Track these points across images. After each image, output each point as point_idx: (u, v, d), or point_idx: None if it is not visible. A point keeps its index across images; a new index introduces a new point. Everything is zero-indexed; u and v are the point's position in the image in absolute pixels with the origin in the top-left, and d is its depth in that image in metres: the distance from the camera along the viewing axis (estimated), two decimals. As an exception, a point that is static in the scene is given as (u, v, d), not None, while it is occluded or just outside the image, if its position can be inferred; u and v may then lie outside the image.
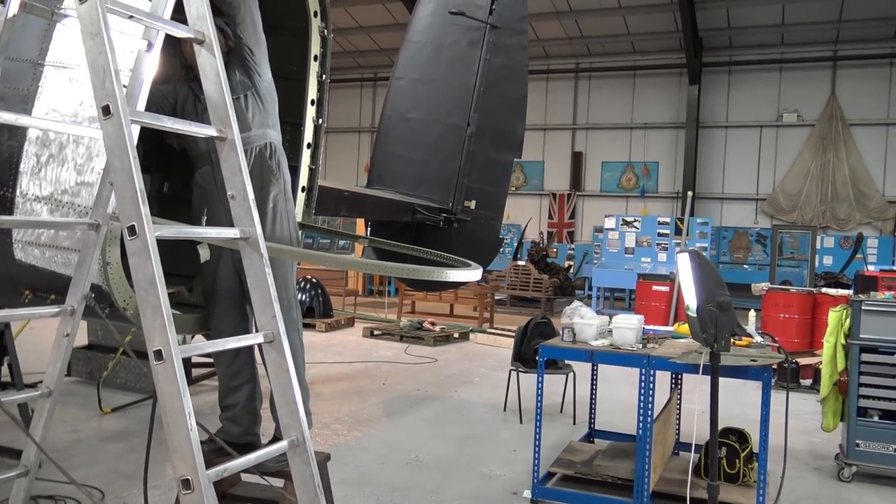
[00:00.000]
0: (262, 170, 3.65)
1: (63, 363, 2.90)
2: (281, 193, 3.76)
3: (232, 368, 3.69)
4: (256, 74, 3.70)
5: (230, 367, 3.70)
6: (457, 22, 7.29)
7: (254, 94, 3.69)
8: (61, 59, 3.18)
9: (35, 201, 3.15)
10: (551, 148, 23.03)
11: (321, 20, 4.28)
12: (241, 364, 3.69)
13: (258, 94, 3.71)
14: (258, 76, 3.71)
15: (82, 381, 7.15)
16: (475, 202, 7.19)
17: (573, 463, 5.02)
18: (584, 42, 21.95)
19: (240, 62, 3.67)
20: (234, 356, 3.68)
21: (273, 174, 3.70)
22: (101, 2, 2.15)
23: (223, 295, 3.65)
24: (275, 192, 3.71)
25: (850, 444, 5.26)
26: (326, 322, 11.87)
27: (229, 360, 3.69)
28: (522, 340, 6.92)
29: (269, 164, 3.68)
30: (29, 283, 3.30)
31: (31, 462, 2.89)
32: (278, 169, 3.74)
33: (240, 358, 3.68)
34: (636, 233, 15.86)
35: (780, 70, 20.49)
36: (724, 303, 3.28)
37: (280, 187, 3.76)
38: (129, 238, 2.09)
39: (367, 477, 4.99)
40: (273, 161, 3.71)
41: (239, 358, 3.68)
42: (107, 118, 2.13)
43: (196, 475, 1.98)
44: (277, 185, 3.74)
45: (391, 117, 7.53)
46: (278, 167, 3.74)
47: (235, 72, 3.63)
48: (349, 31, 23.00)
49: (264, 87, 3.74)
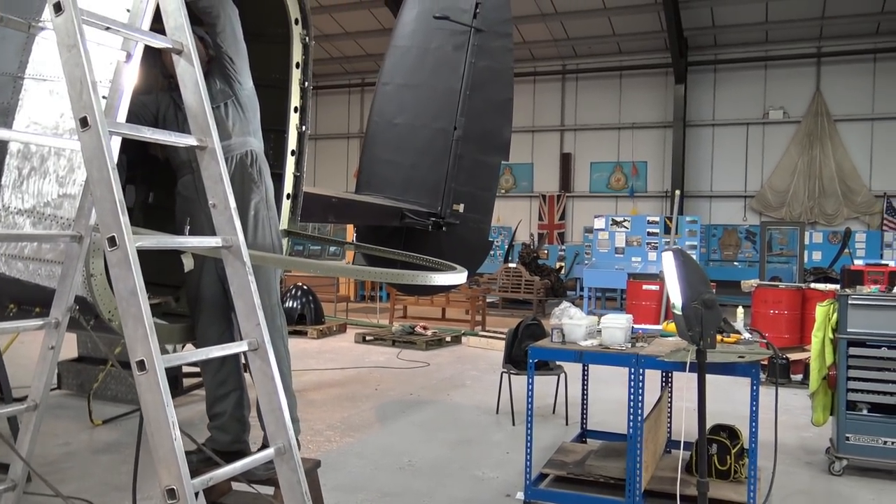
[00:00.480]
0: (242, 178, 3.65)
1: (49, 376, 2.90)
2: (263, 201, 3.76)
3: (218, 377, 3.69)
4: (237, 83, 3.70)
5: (216, 376, 3.69)
6: (441, 26, 7.31)
7: (234, 102, 3.70)
8: (41, 72, 3.17)
9: (17, 214, 3.14)
10: (540, 150, 23.09)
11: (302, 27, 4.28)
12: (227, 373, 3.69)
13: (238, 103, 3.72)
14: (238, 84, 3.72)
15: (73, 394, 7.11)
16: (464, 205, 7.20)
17: (565, 464, 5.03)
18: (570, 43, 22.03)
19: (220, 71, 3.68)
20: (220, 365, 3.68)
21: (254, 182, 3.71)
22: (77, 14, 2.15)
23: (207, 303, 3.65)
24: (256, 200, 3.71)
25: (840, 438, 5.29)
26: (318, 329, 11.85)
27: (215, 368, 3.69)
28: (513, 342, 6.93)
29: (249, 171, 3.69)
30: (13, 296, 3.29)
31: (19, 476, 2.88)
32: (259, 177, 3.74)
33: (226, 366, 3.68)
34: (626, 233, 15.90)
35: (765, 67, 20.63)
36: (709, 300, 3.29)
37: (262, 195, 3.76)
38: (109, 249, 2.09)
39: (360, 483, 4.98)
40: (254, 169, 3.72)
41: (225, 366, 3.68)
42: (85, 130, 2.13)
43: (181, 485, 1.98)
44: (259, 193, 3.74)
45: (378, 123, 7.54)
46: (259, 175, 3.75)
47: (216, 80, 3.64)
48: (335, 37, 23.02)
49: (245, 96, 3.75)
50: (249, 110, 3.77)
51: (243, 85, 3.73)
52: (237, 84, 3.70)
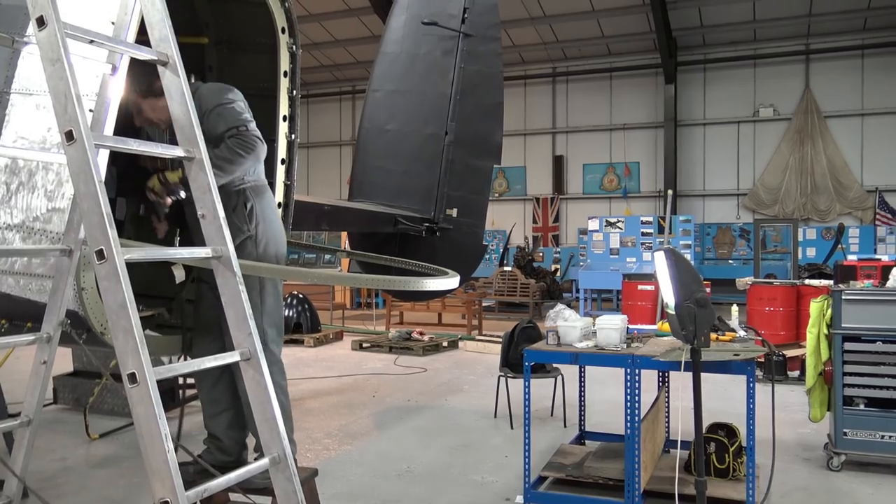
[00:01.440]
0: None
1: (42, 391, 2.89)
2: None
3: (212, 394, 3.67)
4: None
5: (210, 394, 3.67)
6: (430, 32, 7.32)
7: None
8: (27, 87, 3.17)
9: (7, 229, 3.13)
10: (532, 153, 23.13)
11: (289, 36, 4.28)
12: (221, 391, 3.66)
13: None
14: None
15: (69, 408, 7.07)
16: (457, 210, 7.20)
17: (564, 466, 5.02)
18: (559, 46, 22.10)
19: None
20: (215, 382, 3.65)
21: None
22: (60, 27, 2.14)
23: (205, 321, 3.64)
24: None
25: (837, 434, 5.29)
26: (314, 337, 11.82)
27: (210, 385, 3.67)
28: (510, 346, 6.91)
29: (251, 205, 3.73)
30: (4, 311, 3.28)
31: (14, 492, 2.87)
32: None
33: (220, 384, 3.65)
34: (620, 233, 15.92)
35: (754, 66, 20.72)
36: (702, 299, 3.29)
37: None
38: (98, 262, 2.08)
39: (359, 490, 4.96)
40: (256, 200, 3.75)
41: (219, 384, 3.65)
42: (70, 143, 2.12)
43: (175, 497, 1.97)
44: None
45: (369, 130, 7.55)
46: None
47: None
48: (325, 45, 23.05)
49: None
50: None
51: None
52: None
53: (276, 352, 3.70)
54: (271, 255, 3.70)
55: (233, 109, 3.50)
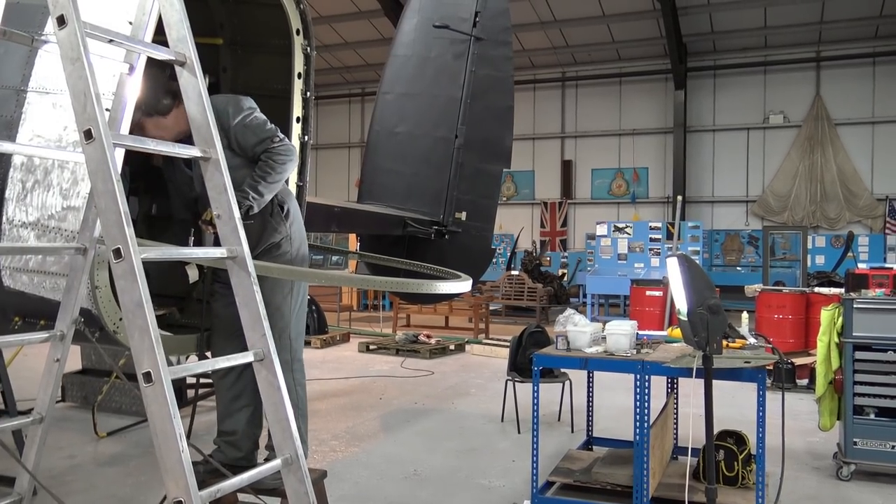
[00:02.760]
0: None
1: (54, 389, 2.89)
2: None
3: (233, 391, 3.69)
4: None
5: (231, 390, 3.69)
6: (441, 35, 7.33)
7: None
8: (44, 85, 3.18)
9: (22, 227, 3.15)
10: (541, 157, 23.11)
11: (303, 38, 4.29)
12: (242, 387, 3.69)
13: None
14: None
15: (77, 406, 7.10)
16: (466, 213, 7.20)
17: (572, 471, 5.00)
18: (569, 51, 22.08)
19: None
20: (237, 379, 3.68)
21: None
22: (81, 27, 2.15)
23: (223, 322, 3.67)
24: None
25: (847, 443, 5.26)
26: (321, 338, 11.83)
27: (231, 382, 3.69)
28: (517, 350, 6.91)
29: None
30: (18, 309, 3.29)
31: (25, 489, 2.88)
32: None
33: (241, 380, 3.68)
34: (628, 239, 15.89)
35: (764, 73, 20.66)
36: (715, 305, 3.29)
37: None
38: (114, 261, 2.09)
39: (366, 493, 4.96)
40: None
41: (241, 380, 3.68)
42: (89, 142, 2.13)
43: (188, 496, 1.97)
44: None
45: (379, 132, 7.55)
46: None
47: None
48: (335, 47, 23.10)
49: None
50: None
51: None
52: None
53: (299, 350, 3.80)
54: (304, 254, 3.82)
55: (256, 119, 3.59)
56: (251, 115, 3.58)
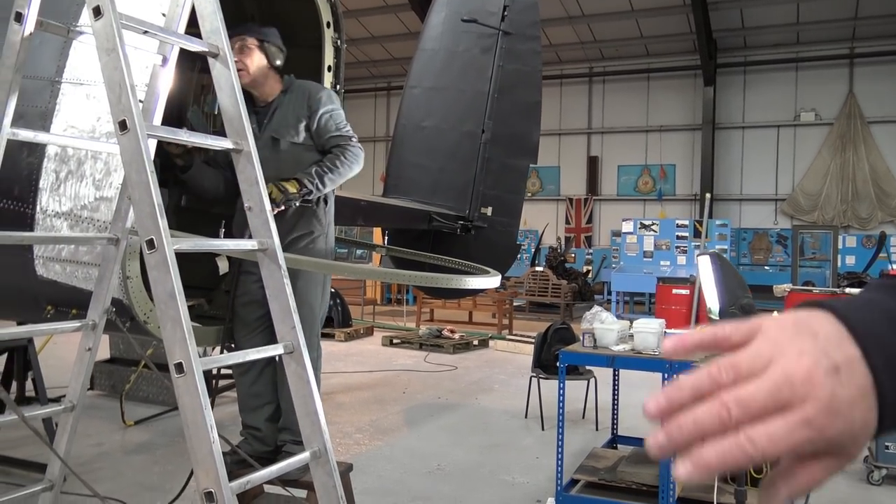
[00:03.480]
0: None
1: (86, 377, 2.92)
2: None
3: (254, 389, 3.73)
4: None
5: (252, 388, 3.73)
6: (469, 29, 7.28)
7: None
8: (78, 76, 3.21)
9: (55, 217, 3.18)
10: (567, 153, 22.97)
11: (334, 31, 4.29)
12: (263, 385, 3.72)
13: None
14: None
15: (105, 395, 7.19)
16: (491, 209, 7.16)
17: (597, 469, 4.97)
18: (597, 46, 21.90)
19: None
20: (257, 377, 3.72)
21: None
22: (116, 18, 2.16)
23: (250, 314, 3.70)
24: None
25: (879, 447, 5.16)
26: (345, 331, 11.88)
27: (251, 380, 3.72)
28: (542, 346, 6.87)
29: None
30: (50, 298, 3.33)
31: (56, 476, 2.91)
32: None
33: (262, 378, 3.71)
34: (654, 236, 15.74)
35: (796, 69, 20.32)
36: (748, 305, 3.23)
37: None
38: (148, 252, 2.10)
39: (390, 486, 4.97)
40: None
41: (261, 379, 3.71)
42: (124, 133, 2.14)
43: (219, 488, 1.98)
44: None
45: (406, 126, 7.54)
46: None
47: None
48: (362, 41, 23.12)
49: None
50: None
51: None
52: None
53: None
54: (333, 248, 3.96)
55: (341, 115, 3.84)
56: (339, 110, 3.81)
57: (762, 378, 0.58)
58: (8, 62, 2.55)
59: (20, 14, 2.53)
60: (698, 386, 0.60)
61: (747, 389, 0.58)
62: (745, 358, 0.60)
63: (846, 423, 0.57)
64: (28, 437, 5.32)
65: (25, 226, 3.22)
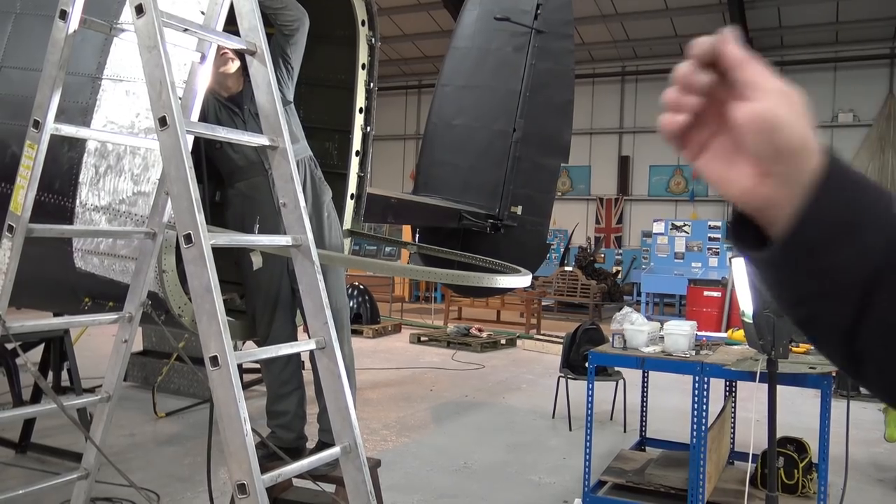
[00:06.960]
0: (313, 180, 3.75)
1: (121, 369, 2.98)
2: (331, 202, 3.86)
3: (282, 376, 3.78)
4: (289, 90, 3.80)
5: (280, 375, 3.78)
6: (502, 27, 7.27)
7: (290, 108, 3.79)
8: (118, 73, 3.26)
9: (94, 211, 3.24)
10: (598, 152, 22.81)
11: (368, 29, 4.31)
12: (290, 372, 3.78)
13: (290, 109, 3.82)
14: (289, 91, 3.82)
15: (138, 386, 7.32)
16: (522, 208, 7.15)
17: (624, 471, 4.94)
18: (630, 45, 21.71)
19: (280, 78, 3.76)
20: (285, 364, 3.76)
21: (323, 183, 3.80)
22: (158, 16, 2.20)
23: (283, 305, 3.75)
24: (327, 201, 3.82)
25: (914, 455, 5.06)
26: (374, 328, 11.94)
27: (280, 368, 3.77)
28: (571, 347, 6.84)
29: (317, 173, 3.78)
30: (88, 290, 3.40)
31: (91, 465, 2.97)
32: (321, 179, 3.85)
33: (290, 366, 3.77)
34: (686, 237, 15.57)
35: (834, 69, 19.95)
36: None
37: (329, 196, 3.85)
38: (185, 246, 2.13)
39: (416, 483, 4.99)
40: (318, 171, 3.83)
41: (289, 366, 3.76)
42: (163, 129, 2.17)
43: (252, 480, 2.01)
44: (327, 194, 3.83)
45: (437, 124, 7.55)
46: (321, 178, 3.86)
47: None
48: (394, 39, 23.17)
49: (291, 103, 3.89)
50: (294, 116, 3.89)
51: (291, 92, 3.85)
52: (289, 91, 3.80)
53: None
54: (338, 243, 3.94)
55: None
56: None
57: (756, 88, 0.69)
58: (52, 59, 2.61)
59: (65, 11, 2.58)
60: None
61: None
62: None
63: (791, 145, 0.68)
64: (62, 426, 5.43)
65: (65, 219, 3.29)
